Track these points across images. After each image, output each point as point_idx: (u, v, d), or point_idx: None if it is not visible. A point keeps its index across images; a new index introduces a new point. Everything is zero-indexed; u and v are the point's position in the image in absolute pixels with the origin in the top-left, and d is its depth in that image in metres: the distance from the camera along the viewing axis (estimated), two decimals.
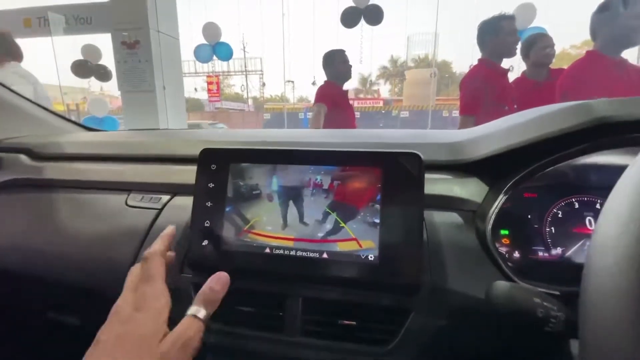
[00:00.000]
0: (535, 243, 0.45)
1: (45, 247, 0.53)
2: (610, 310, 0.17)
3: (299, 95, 26.82)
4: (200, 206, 0.44)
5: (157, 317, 0.29)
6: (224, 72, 20.04)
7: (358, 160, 0.41)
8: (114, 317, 0.29)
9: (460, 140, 0.48)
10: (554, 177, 0.45)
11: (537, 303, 0.27)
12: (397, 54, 32.33)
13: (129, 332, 0.28)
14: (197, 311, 0.31)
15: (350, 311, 0.40)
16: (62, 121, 0.82)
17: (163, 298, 0.31)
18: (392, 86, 32.66)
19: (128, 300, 0.31)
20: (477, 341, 0.39)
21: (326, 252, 0.39)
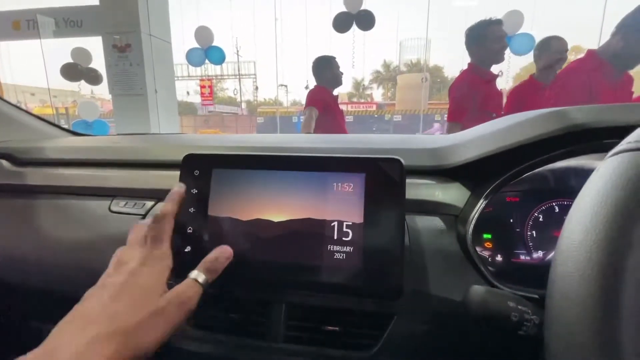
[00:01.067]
0: (517, 247, 0.46)
1: (26, 254, 0.52)
2: (572, 315, 0.18)
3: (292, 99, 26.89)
4: (183, 213, 0.43)
5: (160, 275, 0.32)
6: (217, 76, 20.00)
7: (341, 165, 0.41)
8: (122, 266, 0.31)
9: (443, 146, 0.49)
10: (536, 182, 0.46)
11: (511, 307, 0.27)
12: (390, 59, 32.64)
13: (134, 283, 0.30)
14: (197, 275, 0.33)
15: (334, 317, 0.40)
16: (47, 126, 0.81)
17: (167, 260, 0.34)
18: (385, 90, 32.94)
19: (135, 254, 0.33)
20: (458, 345, 0.39)
21: (310, 258, 0.39)
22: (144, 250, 0.33)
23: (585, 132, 0.37)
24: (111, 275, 0.31)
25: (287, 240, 0.40)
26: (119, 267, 0.31)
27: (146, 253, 0.33)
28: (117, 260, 0.32)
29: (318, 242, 0.40)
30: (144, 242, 0.34)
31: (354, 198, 0.40)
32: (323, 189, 0.41)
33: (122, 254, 0.33)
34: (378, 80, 33.28)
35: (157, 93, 3.98)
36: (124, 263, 0.32)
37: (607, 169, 0.21)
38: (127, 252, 0.33)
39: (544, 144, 0.40)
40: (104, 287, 0.30)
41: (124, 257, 0.32)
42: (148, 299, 0.30)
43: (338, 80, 2.32)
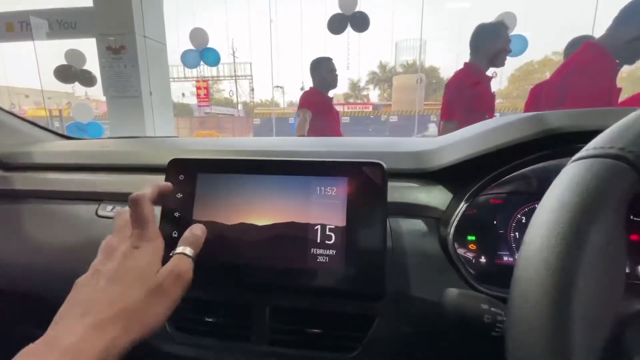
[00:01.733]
0: (501, 248, 0.47)
1: (11, 259, 0.52)
2: (529, 318, 0.18)
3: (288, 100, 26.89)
4: (168, 216, 0.44)
5: (154, 253, 0.32)
6: (214, 77, 19.95)
7: (323, 169, 0.42)
8: (113, 253, 0.31)
9: (426, 150, 0.50)
10: (518, 184, 0.47)
11: (484, 309, 0.28)
12: (386, 60, 32.75)
13: (128, 266, 0.30)
14: (183, 249, 0.34)
15: (318, 319, 0.41)
16: (38, 130, 0.81)
17: (158, 239, 0.34)
18: (382, 91, 33.05)
19: (124, 238, 0.33)
20: (440, 346, 0.40)
21: (293, 261, 0.40)
22: (133, 233, 0.33)
23: (559, 136, 0.37)
24: (103, 263, 0.31)
25: (270, 243, 0.41)
26: (110, 254, 0.31)
27: (135, 236, 0.33)
28: (106, 248, 0.32)
29: (301, 246, 0.40)
30: (127, 229, 0.34)
31: (337, 202, 0.40)
32: (306, 193, 0.41)
33: (111, 241, 0.33)
34: (374, 81, 33.38)
35: (152, 95, 3.96)
36: (114, 249, 0.32)
37: (567, 174, 0.21)
38: (115, 238, 0.33)
39: (522, 148, 0.40)
40: (98, 274, 0.30)
41: (113, 244, 0.33)
42: (144, 278, 0.30)
43: (334, 81, 2.33)
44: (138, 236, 0.33)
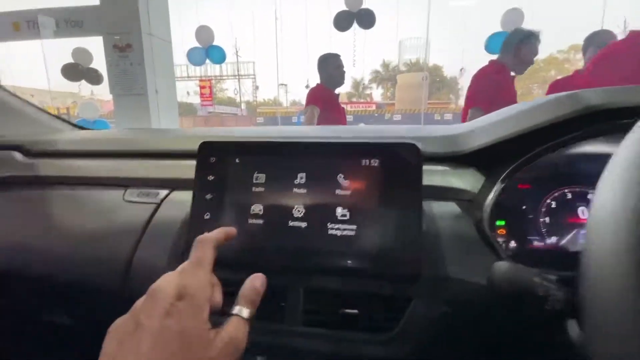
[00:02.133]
0: (531, 233, 0.46)
1: (40, 245, 0.52)
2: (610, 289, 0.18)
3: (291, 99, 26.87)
4: (200, 199, 0.44)
5: (199, 312, 0.27)
6: (217, 76, 20.01)
7: (358, 151, 0.41)
8: (158, 301, 0.26)
9: (457, 133, 0.49)
10: (547, 169, 0.46)
11: (537, 282, 0.28)
12: (389, 59, 32.65)
13: (172, 327, 0.25)
14: (240, 311, 0.29)
15: (352, 300, 0.40)
16: (55, 120, 0.81)
17: (207, 290, 0.29)
18: (385, 90, 32.98)
19: (171, 283, 0.27)
20: (478, 327, 0.40)
21: (328, 242, 0.40)
22: (180, 278, 0.28)
23: (600, 113, 0.37)
24: (147, 313, 0.25)
25: (304, 225, 0.41)
26: (154, 299, 0.26)
27: (182, 281, 0.28)
28: (154, 292, 0.27)
29: (336, 227, 0.40)
30: (181, 269, 0.30)
31: (372, 183, 0.40)
32: (341, 175, 0.41)
33: (159, 284, 0.28)
34: (377, 80, 33.31)
35: (158, 93, 3.98)
36: (159, 291, 0.26)
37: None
38: (163, 281, 0.28)
39: (559, 128, 0.40)
40: (142, 330, 0.24)
41: (159, 288, 0.27)
42: (194, 348, 0.25)
43: (341, 78, 2.32)
44: (187, 281, 0.28)
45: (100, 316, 0.57)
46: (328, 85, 2.31)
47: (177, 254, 0.46)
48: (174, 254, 0.46)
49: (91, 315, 0.58)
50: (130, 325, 0.25)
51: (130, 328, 0.25)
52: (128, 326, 0.25)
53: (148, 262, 0.47)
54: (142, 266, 0.47)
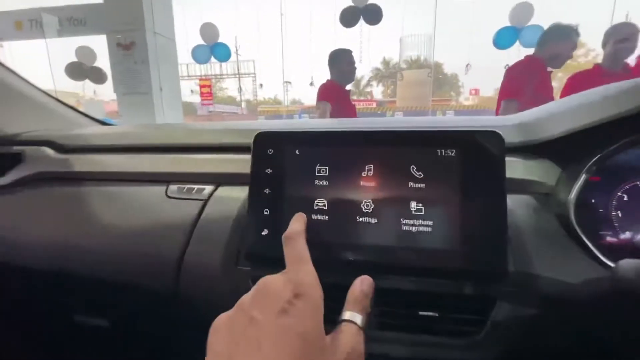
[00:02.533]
0: (603, 229, 0.43)
1: (79, 242, 0.49)
2: None
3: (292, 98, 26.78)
4: (258, 193, 0.40)
5: (317, 311, 0.25)
6: (217, 75, 19.95)
7: (433, 140, 0.38)
8: (272, 297, 0.24)
9: (527, 121, 0.46)
10: (617, 160, 0.43)
11: None
12: (390, 56, 32.52)
13: (292, 327, 0.22)
14: (353, 317, 0.27)
15: (430, 301, 0.37)
16: (78, 115, 0.78)
17: (319, 287, 0.27)
18: (385, 88, 32.88)
19: (282, 280, 0.25)
20: (572, 330, 0.36)
21: (401, 239, 0.36)
22: (288, 276, 0.26)
23: None
24: (260, 308, 0.23)
25: (374, 221, 0.38)
26: (267, 295, 0.24)
27: (294, 278, 0.26)
28: (263, 287, 0.25)
29: (410, 223, 0.37)
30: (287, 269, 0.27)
31: (449, 175, 0.37)
32: (413, 166, 0.38)
33: (269, 280, 0.25)
34: (378, 78, 33.22)
35: (162, 91, 3.95)
36: (272, 286, 0.25)
37: None
38: (273, 278, 0.26)
39: None
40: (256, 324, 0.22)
41: (271, 284, 0.25)
42: (313, 353, 0.22)
43: (352, 74, 2.30)
44: (298, 278, 0.26)
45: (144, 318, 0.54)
46: (339, 81, 2.28)
47: (232, 253, 0.43)
48: (228, 252, 0.43)
49: (132, 317, 0.55)
50: (242, 321, 0.22)
51: (241, 325, 0.22)
52: (239, 323, 0.23)
53: (200, 261, 0.44)
54: (193, 266, 0.44)
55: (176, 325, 0.52)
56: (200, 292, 0.44)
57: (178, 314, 0.48)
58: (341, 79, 2.29)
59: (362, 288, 0.29)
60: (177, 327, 0.52)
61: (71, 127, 0.72)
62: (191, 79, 19.34)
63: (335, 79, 2.29)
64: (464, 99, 23.39)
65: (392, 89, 29.37)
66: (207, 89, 17.67)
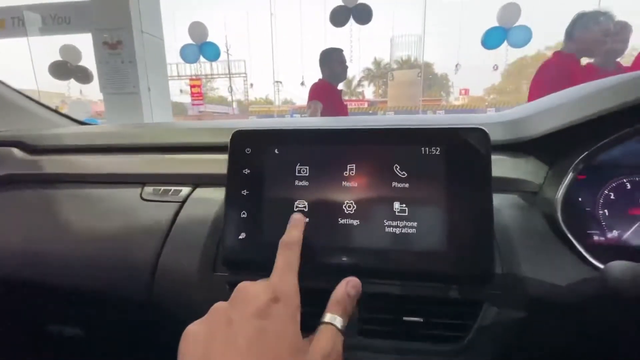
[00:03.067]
0: (590, 227, 0.43)
1: (50, 248, 0.46)
2: None
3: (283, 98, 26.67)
4: (235, 195, 0.38)
5: (294, 316, 0.25)
6: (207, 75, 19.78)
7: (417, 138, 0.37)
8: (250, 300, 0.24)
9: (514, 119, 0.45)
10: (602, 158, 0.43)
11: None
12: (380, 56, 32.67)
13: (269, 328, 0.23)
14: (333, 319, 0.27)
15: (415, 306, 0.36)
16: (54, 115, 0.75)
17: (298, 297, 0.27)
18: (376, 88, 33.02)
19: (263, 285, 0.26)
20: (559, 334, 0.35)
21: (387, 241, 0.35)
22: (271, 282, 0.27)
23: None
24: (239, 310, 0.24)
25: (356, 223, 0.36)
26: (246, 298, 0.25)
27: (276, 284, 0.26)
28: (242, 291, 0.26)
29: (393, 224, 0.35)
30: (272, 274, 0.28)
31: (434, 174, 0.36)
32: (397, 165, 0.36)
33: (248, 285, 0.26)
34: (369, 78, 33.35)
35: (151, 91, 3.88)
36: (250, 290, 0.25)
37: None
38: (252, 284, 0.27)
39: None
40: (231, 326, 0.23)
41: (251, 284, 0.26)
42: (288, 355, 0.23)
43: (344, 73, 2.29)
44: (281, 283, 0.27)
45: (118, 326, 0.51)
46: (330, 80, 2.27)
47: (209, 257, 0.41)
48: (204, 257, 0.41)
49: (106, 326, 0.52)
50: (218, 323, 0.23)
51: (217, 326, 0.23)
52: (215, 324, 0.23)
53: (175, 267, 0.41)
54: (168, 272, 0.42)
55: (151, 334, 0.50)
56: (175, 299, 0.41)
57: (153, 322, 0.46)
58: (333, 78, 2.28)
59: (347, 290, 0.29)
60: (152, 336, 0.50)
61: (44, 127, 0.68)
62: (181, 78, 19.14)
63: (327, 78, 2.27)
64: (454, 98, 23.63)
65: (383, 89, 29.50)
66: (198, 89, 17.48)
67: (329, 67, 2.23)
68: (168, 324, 0.45)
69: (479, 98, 23.23)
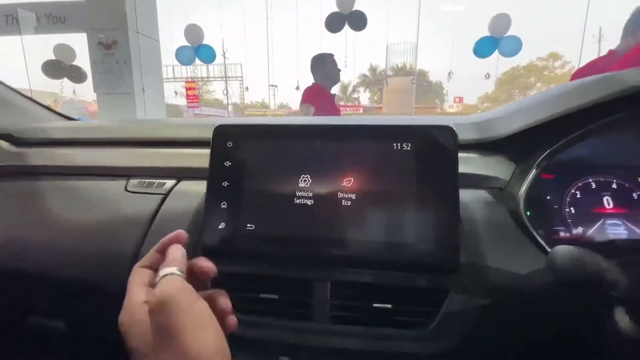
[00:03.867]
0: (556, 224, 0.45)
1: (34, 239, 0.47)
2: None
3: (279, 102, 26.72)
4: (216, 186, 0.40)
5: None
6: (204, 78, 19.74)
7: (390, 135, 0.39)
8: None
9: (485, 119, 0.47)
10: (569, 158, 0.45)
11: (605, 267, 0.26)
12: (377, 63, 32.98)
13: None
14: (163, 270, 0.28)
15: (384, 294, 0.38)
16: (44, 111, 0.76)
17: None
18: (372, 94, 33.26)
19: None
20: (520, 320, 0.37)
21: (356, 232, 0.37)
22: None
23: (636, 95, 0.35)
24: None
25: (330, 214, 0.38)
26: None
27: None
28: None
29: (365, 216, 0.37)
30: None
31: (405, 168, 0.38)
32: (369, 160, 0.38)
33: None
34: (365, 84, 33.60)
35: (145, 92, 3.87)
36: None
37: None
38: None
39: (598, 111, 0.38)
40: None
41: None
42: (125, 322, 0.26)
43: (337, 76, 2.30)
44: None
45: (98, 318, 0.52)
46: (324, 84, 2.28)
47: (190, 245, 0.42)
48: (185, 246, 0.42)
49: (87, 317, 0.53)
50: None
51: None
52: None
53: None
54: None
55: None
56: None
57: None
58: (326, 82, 2.29)
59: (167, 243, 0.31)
60: None
61: (33, 121, 0.69)
62: (177, 80, 19.06)
63: (320, 82, 2.29)
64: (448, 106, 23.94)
65: (378, 95, 29.73)
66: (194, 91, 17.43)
67: (321, 71, 2.25)
68: None
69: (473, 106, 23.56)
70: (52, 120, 0.74)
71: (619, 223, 0.44)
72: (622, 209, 0.44)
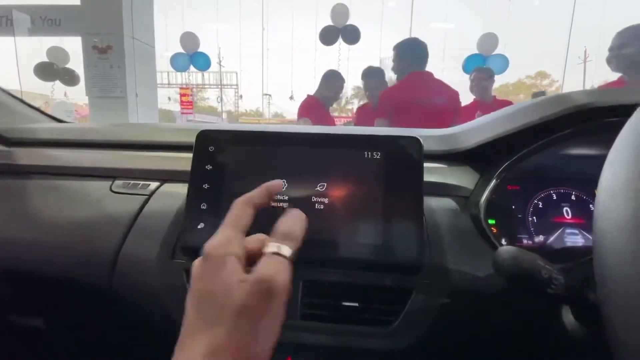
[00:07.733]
0: (520, 232, 0.48)
1: (18, 236, 0.48)
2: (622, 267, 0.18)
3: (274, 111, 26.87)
4: (197, 188, 0.42)
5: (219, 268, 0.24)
6: (198, 85, 19.76)
7: (361, 143, 0.42)
8: (193, 268, 0.26)
9: (453, 132, 0.51)
10: (533, 171, 0.49)
11: (541, 265, 0.28)
12: None
13: (202, 290, 0.24)
14: (278, 248, 0.25)
15: (351, 293, 0.40)
16: (34, 112, 0.77)
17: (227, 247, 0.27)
18: None
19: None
20: (477, 319, 0.40)
21: (328, 234, 0.39)
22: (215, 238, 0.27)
23: (589, 112, 0.39)
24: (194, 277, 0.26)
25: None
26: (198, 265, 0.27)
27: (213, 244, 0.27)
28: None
29: (336, 218, 0.40)
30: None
31: (374, 175, 0.40)
32: (341, 167, 0.41)
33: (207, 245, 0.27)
34: (358, 96, 34.05)
35: (138, 97, 3.87)
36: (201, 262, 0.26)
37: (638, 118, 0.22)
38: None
39: (550, 126, 0.42)
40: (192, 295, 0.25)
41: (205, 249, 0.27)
42: (218, 300, 0.23)
43: (336, 98, 2.40)
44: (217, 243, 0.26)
45: (79, 316, 0.53)
46: (324, 100, 2.33)
47: (169, 246, 0.44)
48: (164, 246, 0.44)
49: (68, 315, 0.54)
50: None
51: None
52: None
53: (136, 255, 0.44)
54: (129, 259, 0.44)
55: (112, 323, 0.51)
56: (135, 285, 0.44)
57: (113, 310, 0.48)
58: (326, 100, 2.34)
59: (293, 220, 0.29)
60: (113, 325, 0.52)
61: (21, 122, 0.70)
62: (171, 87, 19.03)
63: (320, 97, 2.32)
64: None
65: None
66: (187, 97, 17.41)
67: (326, 89, 2.30)
68: (126, 312, 0.47)
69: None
70: (41, 122, 0.76)
71: (577, 232, 0.47)
72: (580, 219, 0.47)
